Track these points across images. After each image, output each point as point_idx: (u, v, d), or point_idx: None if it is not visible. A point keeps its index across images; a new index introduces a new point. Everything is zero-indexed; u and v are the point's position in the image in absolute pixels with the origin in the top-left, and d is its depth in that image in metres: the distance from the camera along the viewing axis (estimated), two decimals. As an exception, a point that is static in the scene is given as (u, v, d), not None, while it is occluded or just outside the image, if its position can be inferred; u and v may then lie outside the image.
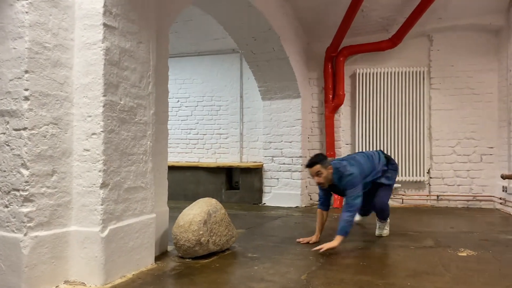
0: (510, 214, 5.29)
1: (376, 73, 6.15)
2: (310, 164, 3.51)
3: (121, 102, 2.63)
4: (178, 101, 7.47)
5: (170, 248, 3.36)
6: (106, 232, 2.47)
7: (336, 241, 3.24)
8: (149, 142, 2.92)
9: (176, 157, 7.41)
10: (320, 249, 3.18)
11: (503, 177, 2.92)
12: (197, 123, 7.37)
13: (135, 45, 2.77)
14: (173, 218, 3.31)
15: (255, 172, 6.37)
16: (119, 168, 2.61)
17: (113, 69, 2.56)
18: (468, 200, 5.98)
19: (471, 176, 6.00)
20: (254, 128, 6.92)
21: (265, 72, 5.90)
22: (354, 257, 3.18)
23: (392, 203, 6.13)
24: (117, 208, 2.59)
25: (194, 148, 7.37)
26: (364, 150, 4.03)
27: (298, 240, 3.70)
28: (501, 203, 5.63)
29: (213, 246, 3.13)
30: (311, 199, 6.39)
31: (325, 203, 3.77)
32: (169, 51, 3.44)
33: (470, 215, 5.26)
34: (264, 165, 6.36)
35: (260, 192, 6.34)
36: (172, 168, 6.89)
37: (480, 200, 5.94)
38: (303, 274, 2.73)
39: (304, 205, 6.11)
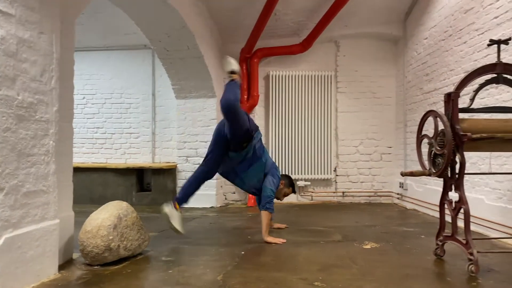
0: (406, 208, 5.82)
1: (288, 75, 6.36)
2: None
3: (19, 98, 2.37)
4: (84, 97, 6.99)
5: (76, 255, 3.12)
6: (0, 242, 2.21)
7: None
8: (51, 142, 2.67)
9: (81, 157, 6.93)
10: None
11: (403, 174, 3.19)
12: (105, 121, 6.97)
13: (36, 36, 2.52)
14: (79, 223, 3.07)
15: (169, 173, 6.21)
16: (16, 170, 2.34)
17: (9, 61, 2.29)
18: (370, 196, 6.46)
19: (373, 173, 6.49)
20: (167, 127, 6.73)
21: (179, 70, 5.78)
22: (269, 255, 3.24)
23: (302, 200, 6.40)
24: (14, 215, 2.33)
25: (102, 148, 6.96)
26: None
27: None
28: (398, 198, 6.18)
29: (124, 252, 2.97)
30: (226, 199, 6.40)
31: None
32: (75, 44, 3.20)
33: (372, 210, 5.68)
34: (178, 165, 6.22)
35: (173, 193, 6.18)
36: (77, 170, 6.44)
37: (380, 196, 6.45)
38: (219, 274, 2.70)
39: (219, 205, 6.09)
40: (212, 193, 6.01)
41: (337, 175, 6.49)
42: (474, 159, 4.14)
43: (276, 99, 6.36)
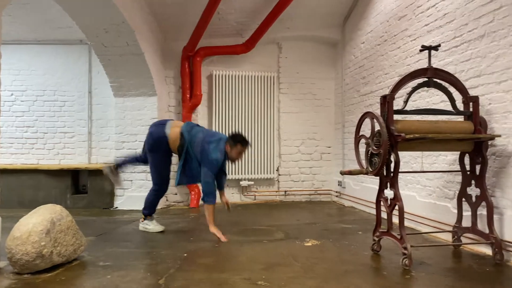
0: (344, 205, 6.03)
1: (232, 75, 6.35)
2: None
3: None
4: (12, 94, 6.50)
5: (3, 264, 2.88)
6: None
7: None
8: (-26, 141, 2.45)
9: (9, 158, 6.44)
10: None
11: (342, 173, 3.29)
12: (36, 120, 6.53)
13: (-45, 24, 2.29)
14: (6, 229, 2.84)
15: (107, 173, 5.94)
16: None
17: None
18: (310, 194, 6.63)
19: (313, 172, 6.67)
20: (105, 127, 6.45)
21: (118, 67, 5.56)
22: (212, 256, 3.20)
23: (245, 199, 6.42)
24: None
25: (32, 148, 6.52)
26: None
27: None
28: (337, 196, 6.40)
29: (58, 258, 2.80)
30: (167, 200, 6.26)
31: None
32: (2, 36, 2.95)
33: (312, 208, 5.83)
34: (116, 166, 5.97)
35: (111, 195, 5.94)
36: (4, 172, 6.03)
37: (320, 194, 6.64)
38: (161, 278, 2.63)
39: (160, 207, 5.94)
40: (153, 195, 5.84)
41: (279, 175, 6.59)
42: (406, 158, 4.38)
43: (219, 99, 6.32)
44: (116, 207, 5.89)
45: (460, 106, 3.25)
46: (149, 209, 4.25)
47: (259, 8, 5.95)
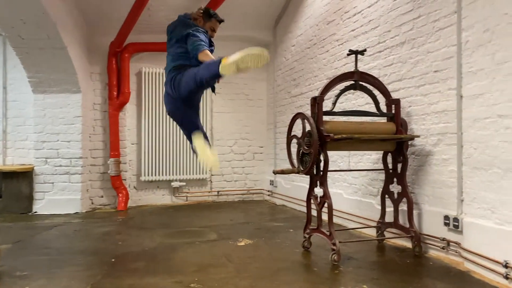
0: (275, 204, 6.14)
1: (163, 73, 6.17)
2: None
3: None
4: None
5: None
6: None
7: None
8: None
9: None
10: None
11: (275, 172, 3.35)
12: None
13: None
14: None
15: (24, 176, 5.48)
16: None
17: None
18: (243, 194, 6.66)
19: (246, 172, 6.71)
20: (22, 125, 5.95)
21: (37, 61, 5.15)
22: (142, 260, 3.08)
23: (177, 201, 6.29)
24: None
25: None
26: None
27: None
28: (268, 195, 6.49)
29: (-35, 270, 2.52)
30: (92, 203, 5.93)
31: None
32: None
33: (245, 207, 5.86)
34: (35, 168, 5.54)
35: (29, 199, 5.49)
36: None
37: (253, 194, 6.70)
38: (87, 285, 2.48)
39: (85, 211, 5.61)
40: (77, 198, 5.51)
41: (212, 175, 6.54)
42: (334, 158, 4.56)
43: (149, 97, 6.11)
44: (36, 212, 5.46)
45: (383, 108, 3.44)
46: None
47: (190, 6, 5.83)
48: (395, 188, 3.42)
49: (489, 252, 2.60)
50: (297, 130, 3.37)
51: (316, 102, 3.14)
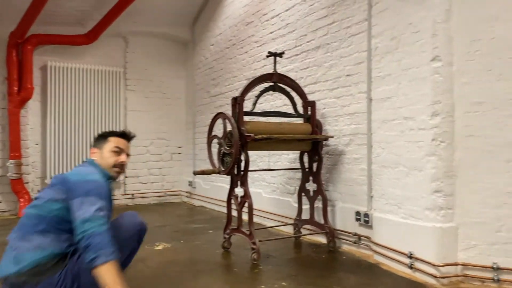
0: (194, 205, 6.04)
1: (71, 68, 5.74)
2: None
3: None
4: None
5: None
6: None
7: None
8: None
9: None
10: None
11: (195, 173, 3.28)
12: None
13: None
14: None
15: None
16: None
17: None
18: (160, 196, 6.45)
19: (163, 173, 6.51)
20: None
21: None
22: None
23: (88, 205, 5.89)
24: None
25: None
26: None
27: None
28: (187, 196, 6.38)
29: None
30: (-12, 209, 5.33)
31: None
32: None
33: (162, 210, 5.69)
34: None
35: None
36: None
37: (170, 195, 6.53)
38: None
39: (-22, 218, 5.01)
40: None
41: (126, 177, 6.23)
42: (253, 158, 4.60)
43: (55, 93, 5.63)
44: None
45: (300, 109, 3.55)
46: None
47: (102, -2, 5.52)
48: (311, 186, 3.55)
49: (395, 245, 2.80)
50: (217, 130, 3.35)
51: (237, 102, 3.14)
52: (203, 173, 3.24)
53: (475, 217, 2.49)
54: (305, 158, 3.60)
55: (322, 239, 3.53)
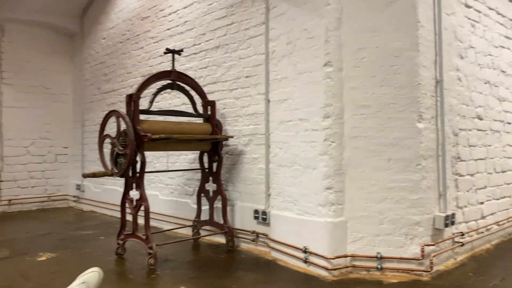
0: (83, 210, 5.60)
1: None
2: None
3: None
4: None
5: None
6: None
7: None
8: None
9: None
10: None
11: (85, 176, 3.03)
12: None
13: None
14: None
15: None
16: None
17: None
18: (43, 201, 5.85)
19: (46, 176, 5.92)
20: None
21: None
22: None
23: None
24: None
25: None
26: None
27: None
28: (74, 201, 5.88)
29: None
30: None
31: None
32: None
33: (46, 216, 5.16)
34: None
35: None
36: None
37: (55, 200, 5.96)
38: None
39: None
40: None
41: (1, 181, 5.52)
42: (150, 158, 4.41)
43: None
44: None
45: (200, 109, 3.50)
46: None
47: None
48: (211, 186, 3.53)
49: (291, 240, 2.91)
50: (109, 129, 3.14)
51: (132, 100, 2.98)
52: (94, 175, 3.01)
53: (362, 211, 2.70)
54: (205, 158, 3.56)
55: (221, 239, 3.52)
